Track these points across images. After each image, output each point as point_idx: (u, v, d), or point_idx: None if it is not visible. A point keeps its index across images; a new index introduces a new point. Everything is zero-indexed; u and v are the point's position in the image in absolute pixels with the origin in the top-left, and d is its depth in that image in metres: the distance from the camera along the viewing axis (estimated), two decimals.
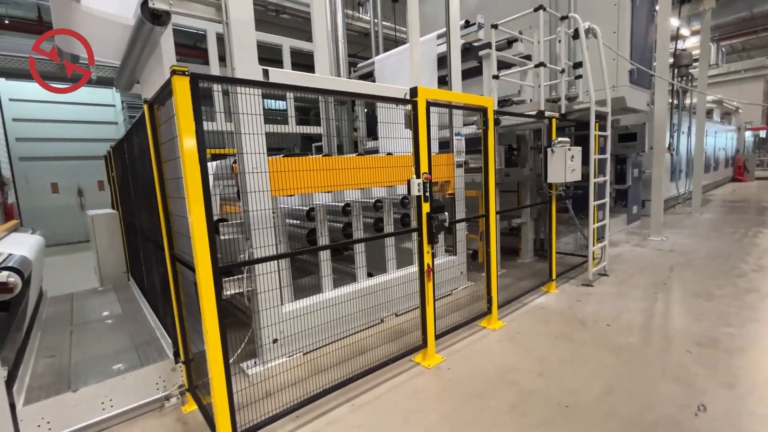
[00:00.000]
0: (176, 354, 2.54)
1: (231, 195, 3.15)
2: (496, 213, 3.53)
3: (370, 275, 3.90)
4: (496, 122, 4.61)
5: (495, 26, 4.41)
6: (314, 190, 3.04)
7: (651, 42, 6.30)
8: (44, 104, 9.13)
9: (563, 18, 4.31)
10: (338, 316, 3.35)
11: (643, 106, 6.15)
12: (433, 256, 2.90)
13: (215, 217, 3.16)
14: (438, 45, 4.77)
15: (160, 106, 2.32)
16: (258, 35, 7.95)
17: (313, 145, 8.09)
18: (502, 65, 5.33)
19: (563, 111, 4.48)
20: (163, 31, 2.84)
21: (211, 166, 3.39)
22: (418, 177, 2.72)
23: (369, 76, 6.44)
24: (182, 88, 1.71)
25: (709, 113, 14.18)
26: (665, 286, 4.33)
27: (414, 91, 2.67)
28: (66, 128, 9.48)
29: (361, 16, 9.81)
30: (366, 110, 6.57)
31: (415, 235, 2.86)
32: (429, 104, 2.75)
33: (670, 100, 9.04)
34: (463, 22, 4.87)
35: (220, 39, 3.48)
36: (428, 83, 4.75)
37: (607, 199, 4.71)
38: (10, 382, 2.05)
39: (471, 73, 5.52)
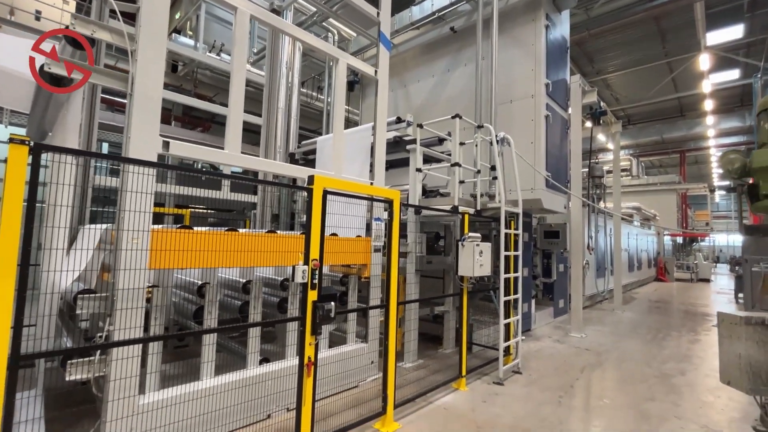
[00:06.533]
0: None
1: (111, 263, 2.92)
2: (399, 303, 3.49)
3: (266, 361, 3.60)
4: (417, 212, 4.82)
5: (420, 125, 4.82)
6: (200, 265, 2.88)
7: (566, 153, 7.12)
8: None
9: (479, 126, 4.81)
10: (213, 409, 2.99)
11: (560, 209, 6.72)
12: (317, 347, 2.74)
13: (85, 287, 2.88)
14: (371, 135, 5.10)
15: None
16: (216, 107, 8.06)
17: (252, 212, 7.97)
18: (433, 159, 5.74)
19: (478, 208, 4.78)
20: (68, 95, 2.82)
21: (101, 228, 3.18)
22: (306, 264, 2.67)
23: (312, 153, 6.68)
24: (18, 157, 1.62)
25: (629, 217, 15.77)
26: (571, 389, 4.32)
27: (311, 179, 2.74)
28: None
29: (320, 96, 10.59)
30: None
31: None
32: (327, 193, 2.81)
33: (589, 204, 9.98)
34: (395, 118, 5.30)
35: None
36: (360, 168, 4.96)
37: (519, 295, 4.84)
38: None
39: (406, 162, 5.89)
